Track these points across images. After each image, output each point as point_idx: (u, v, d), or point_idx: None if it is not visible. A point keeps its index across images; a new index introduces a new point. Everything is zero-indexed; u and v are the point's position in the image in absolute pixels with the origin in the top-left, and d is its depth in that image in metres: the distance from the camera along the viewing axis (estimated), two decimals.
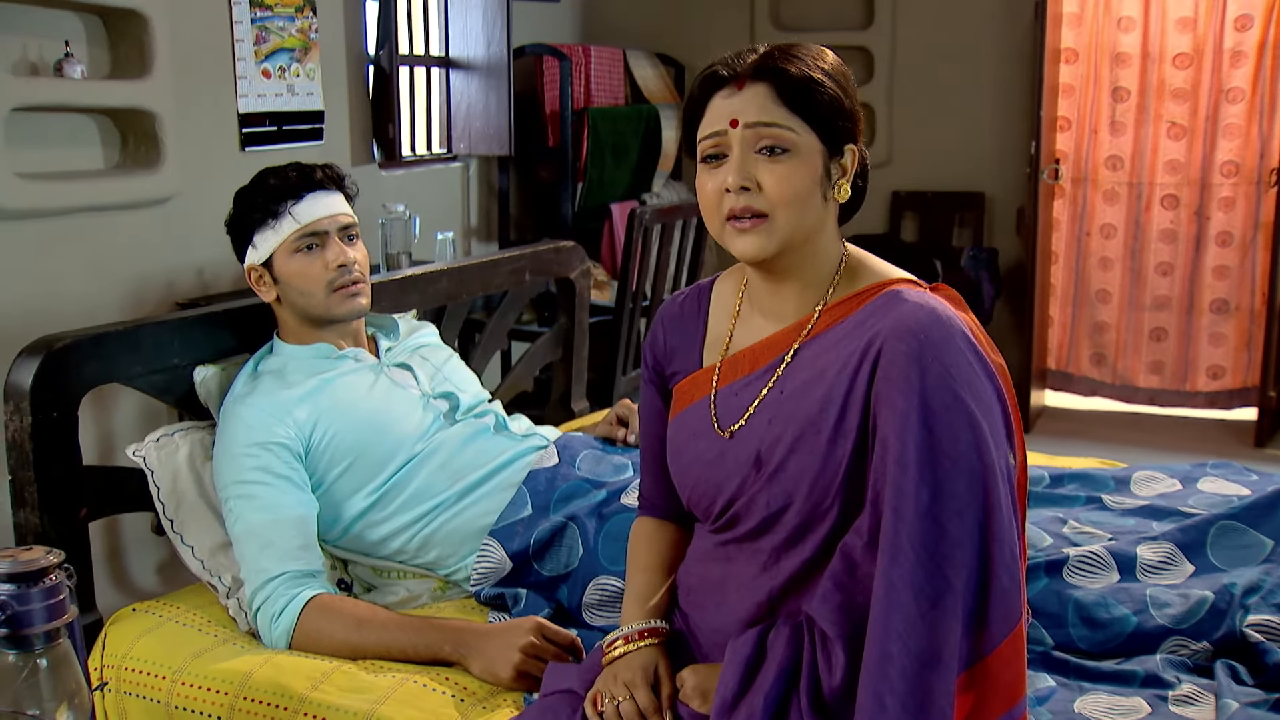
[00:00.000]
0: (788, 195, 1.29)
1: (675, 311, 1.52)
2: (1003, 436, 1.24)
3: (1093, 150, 4.80)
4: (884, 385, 1.22)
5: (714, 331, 1.47)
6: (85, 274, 2.85)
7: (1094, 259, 4.88)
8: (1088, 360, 4.97)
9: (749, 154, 1.30)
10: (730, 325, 1.45)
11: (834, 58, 1.35)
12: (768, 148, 1.29)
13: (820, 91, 1.30)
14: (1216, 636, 1.61)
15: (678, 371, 1.49)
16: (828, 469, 1.27)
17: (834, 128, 1.32)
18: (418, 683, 1.59)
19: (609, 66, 4.72)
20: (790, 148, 1.29)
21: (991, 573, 1.18)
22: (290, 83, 3.41)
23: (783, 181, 1.28)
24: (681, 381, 1.48)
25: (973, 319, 1.33)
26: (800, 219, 1.30)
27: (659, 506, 1.57)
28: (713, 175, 1.32)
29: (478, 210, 4.49)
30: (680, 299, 1.53)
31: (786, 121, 1.29)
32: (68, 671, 0.97)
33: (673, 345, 1.51)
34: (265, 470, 1.80)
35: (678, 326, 1.51)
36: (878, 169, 5.04)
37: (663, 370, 1.52)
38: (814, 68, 1.31)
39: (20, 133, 2.66)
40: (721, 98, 1.32)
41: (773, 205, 1.29)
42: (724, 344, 1.44)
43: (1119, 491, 2.14)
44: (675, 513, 1.56)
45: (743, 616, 1.36)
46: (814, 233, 1.33)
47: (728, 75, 1.32)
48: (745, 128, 1.29)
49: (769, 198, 1.29)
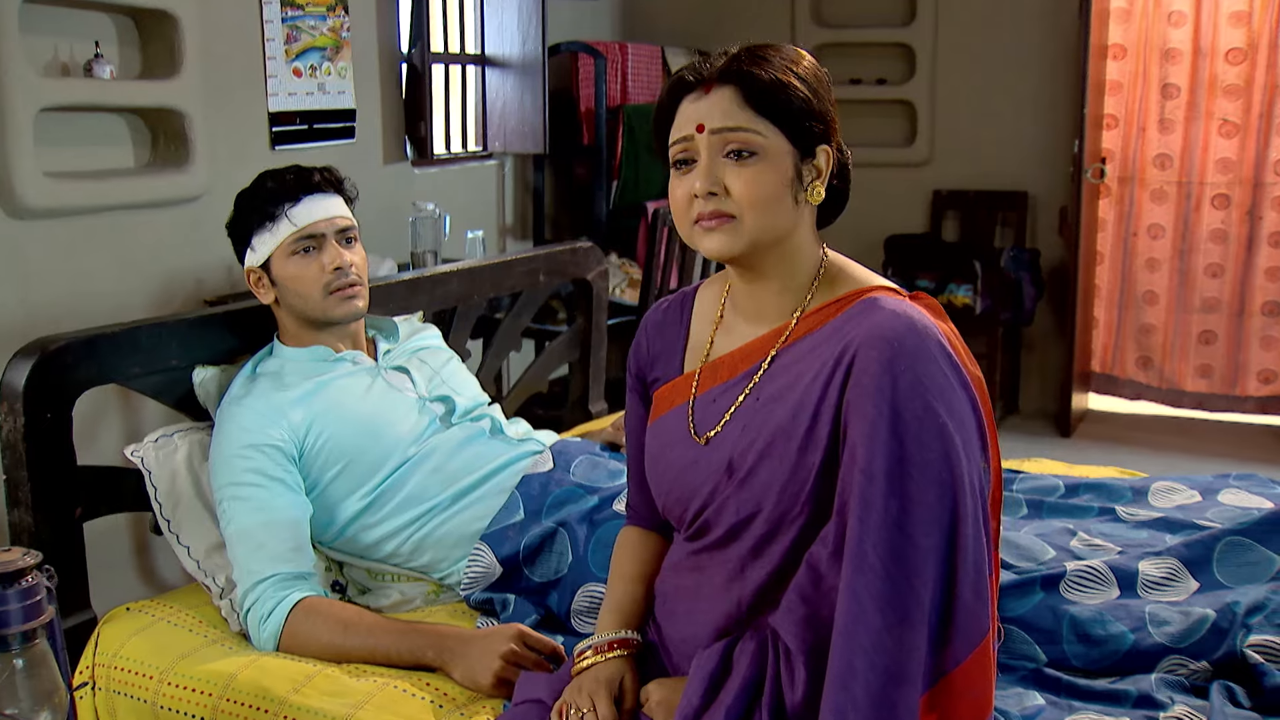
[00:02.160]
0: (755, 198, 1.28)
1: (658, 318, 1.52)
2: (976, 449, 1.23)
3: (1140, 148, 4.69)
4: (855, 393, 1.21)
5: (695, 338, 1.47)
6: (115, 272, 2.90)
7: (1141, 260, 4.77)
8: (1133, 363, 4.86)
9: (716, 158, 1.29)
10: (712, 332, 1.44)
11: (809, 60, 1.34)
12: (735, 151, 1.28)
13: (788, 93, 1.29)
14: (1216, 656, 1.56)
15: (659, 378, 1.49)
16: (797, 477, 1.26)
17: (803, 129, 1.30)
18: (397, 688, 1.59)
19: (647, 64, 4.70)
20: (757, 151, 1.28)
21: (957, 587, 1.17)
22: (321, 81, 3.44)
23: (750, 185, 1.28)
24: (661, 388, 1.47)
25: (951, 329, 1.31)
26: (769, 220, 1.29)
27: (645, 516, 1.57)
28: (682, 181, 1.32)
29: (513, 208, 4.50)
30: (663, 306, 1.53)
31: (752, 125, 1.28)
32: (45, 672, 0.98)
33: (655, 352, 1.50)
34: (259, 472, 1.81)
35: (660, 333, 1.50)
36: (918, 167, 4.97)
37: (645, 377, 1.52)
38: (782, 69, 1.30)
39: (52, 132, 2.71)
40: (689, 102, 1.32)
41: (740, 208, 1.28)
42: (705, 350, 1.43)
43: (1135, 503, 2.09)
44: (662, 523, 1.54)
45: (712, 628, 1.35)
46: (785, 234, 1.32)
47: (694, 80, 1.32)
48: (711, 132, 1.29)
49: (736, 201, 1.28)
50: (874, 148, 5.06)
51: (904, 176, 5.00)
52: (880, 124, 5.08)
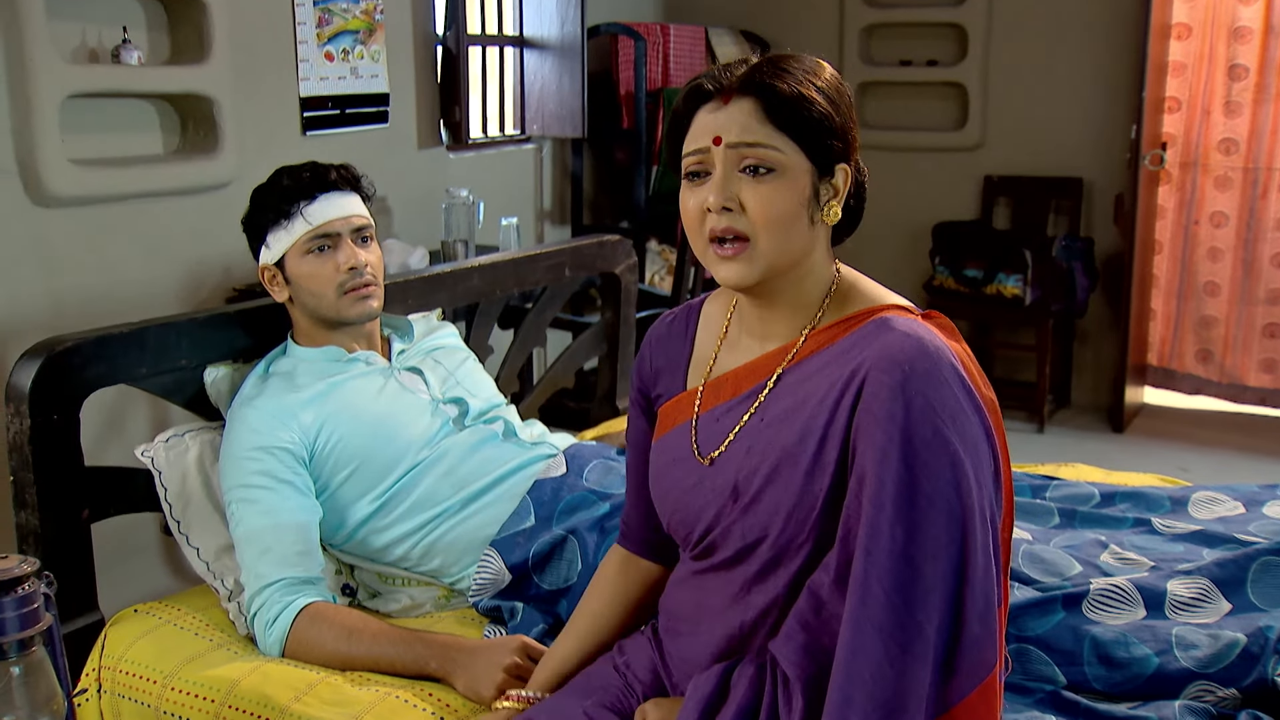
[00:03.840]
0: (771, 217, 1.24)
1: (663, 332, 1.49)
2: (988, 476, 1.19)
3: (1204, 133, 4.52)
4: (865, 418, 1.17)
5: (700, 353, 1.43)
6: (142, 261, 2.90)
7: (1202, 249, 4.61)
8: (1192, 357, 4.71)
9: (732, 173, 1.25)
10: (716, 347, 1.41)
11: (830, 73, 1.29)
12: (751, 167, 1.24)
13: (809, 109, 1.24)
14: (1246, 684, 1.49)
15: (662, 394, 1.46)
16: (804, 502, 1.23)
17: (823, 147, 1.26)
18: (399, 698, 1.58)
19: (689, 45, 4.63)
20: (775, 167, 1.24)
21: (964, 619, 1.14)
22: (354, 65, 3.41)
23: (766, 203, 1.23)
24: (665, 404, 1.44)
25: (964, 349, 1.27)
26: (785, 243, 1.25)
27: (638, 537, 1.54)
28: (695, 193, 1.28)
29: (551, 193, 4.46)
30: (669, 319, 1.50)
31: (771, 140, 1.24)
32: (43, 679, 0.98)
33: (659, 366, 1.47)
34: (268, 474, 1.79)
35: (665, 347, 1.47)
36: (970, 152, 4.84)
37: (648, 392, 1.49)
38: (804, 83, 1.25)
39: (79, 119, 2.70)
40: (706, 112, 1.28)
41: (755, 228, 1.24)
42: (708, 366, 1.40)
43: (1173, 514, 2.01)
44: (654, 544, 1.52)
45: (713, 648, 1.33)
46: (801, 257, 1.28)
47: (713, 89, 1.27)
48: (728, 146, 1.25)
49: (751, 219, 1.24)
50: (924, 131, 4.95)
51: (954, 161, 4.87)
52: (930, 107, 4.95)
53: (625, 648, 1.48)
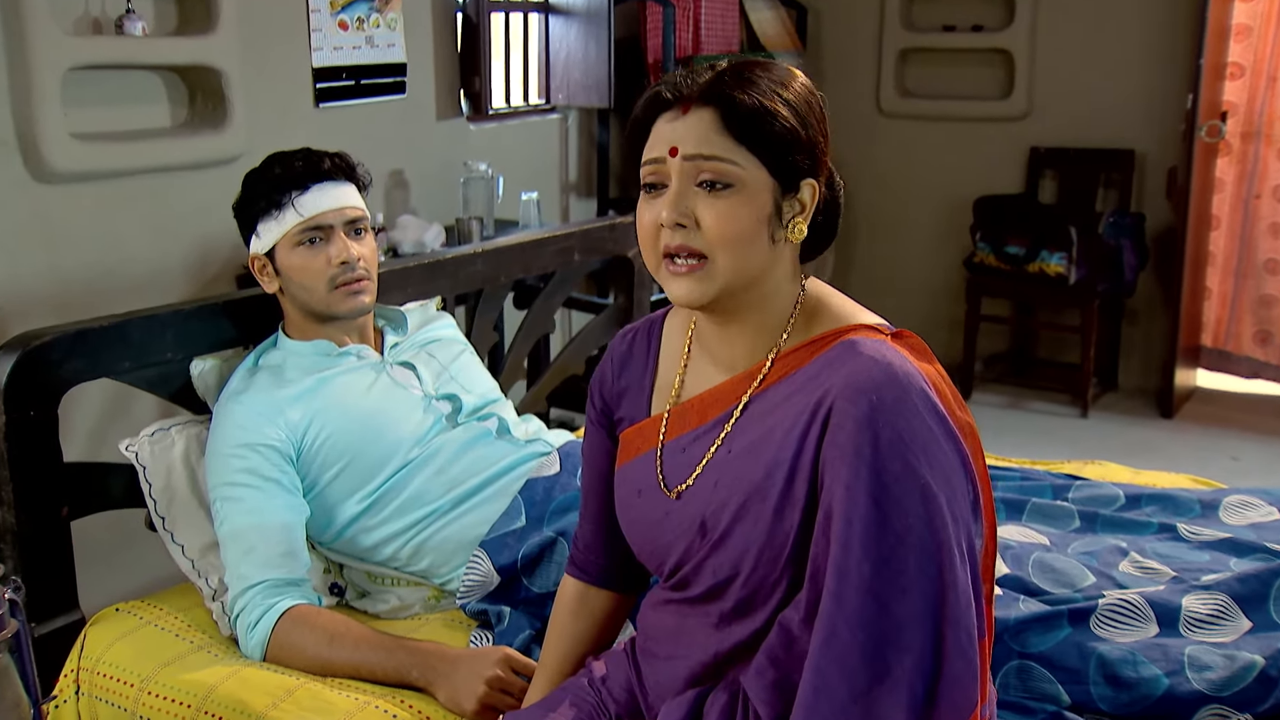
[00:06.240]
0: (728, 235, 1.17)
1: (624, 350, 1.42)
2: (965, 506, 1.14)
3: (1270, 101, 4.32)
4: (831, 452, 1.13)
5: (663, 376, 1.37)
6: (149, 237, 2.85)
7: (1263, 225, 4.42)
8: (1250, 338, 4.53)
9: (688, 187, 1.19)
10: (680, 370, 1.34)
11: (801, 83, 1.22)
12: (709, 182, 1.18)
13: (771, 122, 1.17)
14: (1262, 709, 1.43)
15: (624, 418, 1.40)
16: (774, 540, 1.19)
17: (786, 163, 1.19)
18: (379, 708, 1.56)
19: (722, 11, 4.50)
20: (733, 182, 1.17)
21: (944, 657, 1.09)
22: (370, 34, 3.32)
23: (723, 220, 1.17)
24: (628, 430, 1.38)
25: (937, 370, 1.22)
26: (742, 262, 1.19)
27: (593, 564, 1.48)
28: (650, 206, 1.22)
29: (576, 165, 4.36)
30: (630, 335, 1.43)
31: (730, 154, 1.17)
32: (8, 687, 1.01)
33: (621, 386, 1.40)
34: (253, 473, 1.76)
35: (626, 367, 1.41)
36: (1016, 122, 4.67)
37: (611, 413, 1.42)
38: (769, 95, 1.18)
39: (82, 92, 2.65)
40: (665, 121, 1.21)
41: (711, 246, 1.18)
42: (673, 391, 1.34)
43: (1202, 519, 1.94)
44: (612, 571, 1.47)
45: (686, 673, 1.30)
46: (760, 276, 1.22)
47: (672, 98, 1.20)
48: (685, 158, 1.18)
49: (707, 237, 1.18)
50: (967, 100, 4.79)
51: (999, 132, 4.70)
52: (975, 75, 4.78)
53: (604, 662, 1.44)
